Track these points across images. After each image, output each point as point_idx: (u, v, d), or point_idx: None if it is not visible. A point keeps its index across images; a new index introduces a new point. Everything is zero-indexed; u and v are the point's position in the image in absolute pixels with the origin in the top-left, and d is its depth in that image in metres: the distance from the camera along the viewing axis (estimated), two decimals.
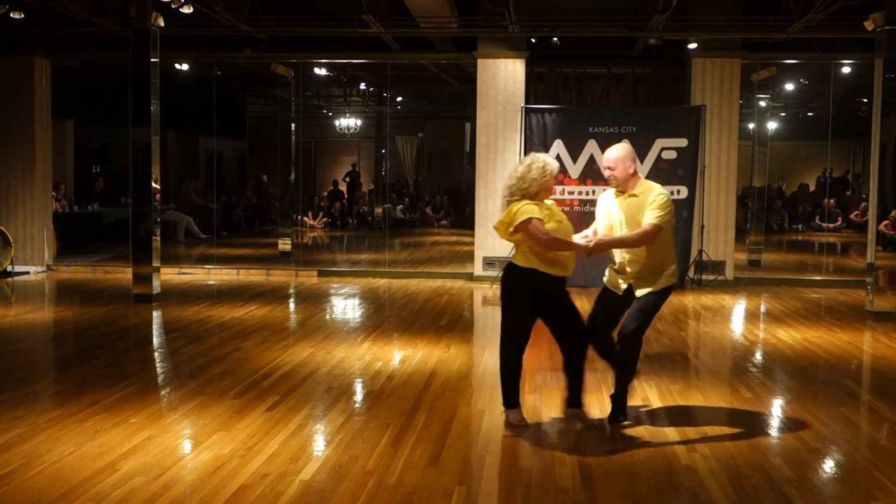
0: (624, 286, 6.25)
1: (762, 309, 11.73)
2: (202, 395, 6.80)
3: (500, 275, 6.41)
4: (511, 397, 6.19)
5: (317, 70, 17.15)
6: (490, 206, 13.72)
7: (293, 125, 17.15)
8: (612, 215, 6.25)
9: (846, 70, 15.07)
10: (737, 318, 11.25)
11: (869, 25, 11.05)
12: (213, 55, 15.51)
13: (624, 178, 6.16)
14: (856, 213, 20.14)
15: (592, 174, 13.21)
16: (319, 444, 5.77)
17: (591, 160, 13.19)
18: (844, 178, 22.62)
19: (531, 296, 6.00)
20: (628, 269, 6.21)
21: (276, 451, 5.49)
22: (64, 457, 5.31)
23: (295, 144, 17.19)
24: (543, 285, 5.98)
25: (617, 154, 6.20)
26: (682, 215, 13.12)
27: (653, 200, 6.04)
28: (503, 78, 13.73)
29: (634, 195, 6.12)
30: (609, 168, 6.19)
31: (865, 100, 14.00)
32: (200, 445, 5.60)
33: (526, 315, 6.11)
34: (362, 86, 22.00)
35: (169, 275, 13.92)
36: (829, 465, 5.54)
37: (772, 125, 18.44)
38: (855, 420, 6.52)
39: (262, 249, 18.01)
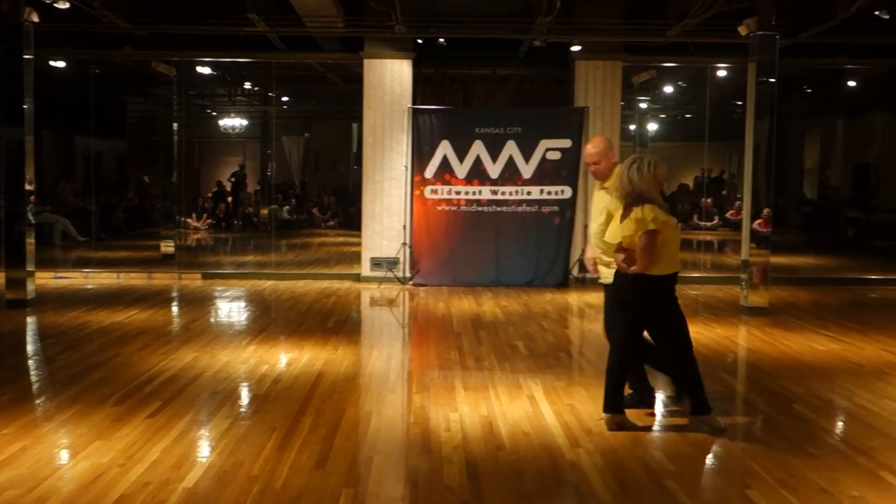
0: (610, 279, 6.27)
1: None
2: (80, 403, 6.58)
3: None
4: (620, 401, 6.16)
5: (200, 69, 16.81)
6: (377, 206, 13.68)
7: (175, 125, 16.77)
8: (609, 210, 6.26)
9: (722, 73, 15.57)
10: None
11: (743, 31, 11.44)
12: (91, 52, 15.03)
13: (609, 171, 6.25)
14: (731, 211, 20.80)
15: (479, 175, 13.33)
16: (203, 451, 5.65)
17: (478, 161, 13.30)
18: (720, 177, 23.38)
19: (657, 299, 5.98)
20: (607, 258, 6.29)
21: (158, 459, 5.35)
22: None
23: (177, 144, 16.81)
24: (670, 286, 6.00)
25: (598, 148, 6.28)
26: (566, 215, 13.37)
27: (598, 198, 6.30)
28: (390, 78, 13.71)
29: (605, 187, 6.24)
30: (594, 163, 6.24)
31: (740, 102, 14.48)
32: (78, 455, 5.41)
33: (656, 317, 6.10)
34: (247, 85, 21.64)
35: (44, 279, 13.41)
36: (706, 457, 5.71)
37: (652, 126, 18.94)
38: (731, 412, 6.74)
39: (143, 252, 17.53)
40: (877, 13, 11.63)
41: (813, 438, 5.96)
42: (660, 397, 7.27)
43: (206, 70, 17.13)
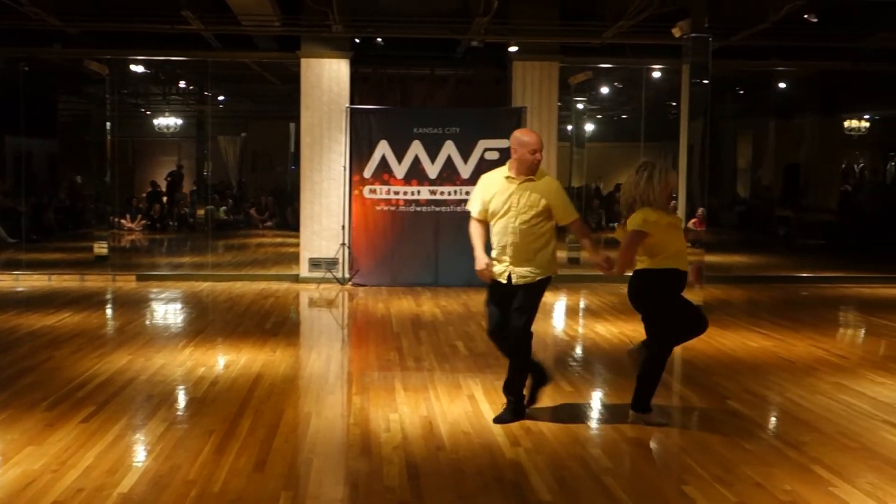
0: (505, 274, 6.23)
1: (581, 305, 12.15)
2: (10, 409, 6.43)
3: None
4: (651, 400, 6.23)
5: (133, 67, 16.55)
6: (316, 206, 13.60)
7: (108, 124, 16.46)
8: (509, 198, 6.23)
9: (657, 75, 15.80)
10: (558, 314, 11.60)
11: (676, 33, 11.62)
12: (20, 49, 14.69)
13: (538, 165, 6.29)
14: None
15: (418, 174, 13.33)
16: (139, 455, 5.56)
17: (417, 161, 13.30)
18: None
19: (671, 292, 6.10)
20: (508, 257, 6.23)
21: (92, 465, 5.25)
22: None
23: (111, 144, 16.49)
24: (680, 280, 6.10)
25: (539, 137, 6.31)
26: None
27: (557, 191, 6.27)
28: (327, 78, 13.63)
29: (532, 180, 6.21)
30: (538, 151, 6.25)
31: (675, 103, 14.72)
32: (9, 462, 5.29)
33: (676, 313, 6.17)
34: (182, 84, 21.34)
35: None
36: (643, 453, 5.78)
37: (589, 127, 19.12)
38: (667, 409, 6.83)
39: (76, 254, 17.18)
40: (806, 16, 11.89)
41: (747, 434, 6.07)
42: (598, 395, 7.35)
43: (139, 68, 16.88)
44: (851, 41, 13.84)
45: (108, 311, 11.39)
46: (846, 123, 19.52)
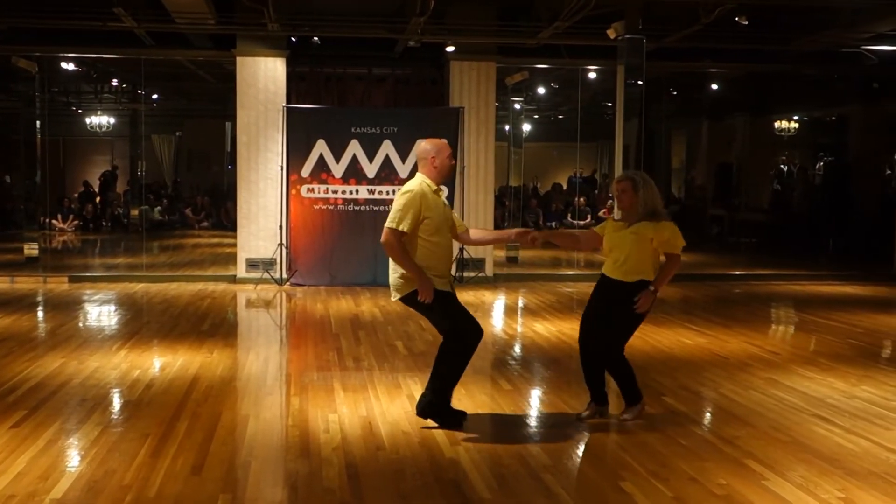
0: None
1: (520, 304, 12.22)
2: None
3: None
4: (638, 392, 6.30)
5: (64, 65, 16.22)
6: (253, 206, 13.48)
7: (38, 122, 16.12)
8: (444, 211, 6.20)
9: (592, 76, 15.96)
10: (497, 313, 11.65)
11: (611, 34, 11.76)
12: None
13: None
14: (603, 210, 21.29)
15: (356, 174, 13.29)
16: (72, 460, 5.46)
17: (355, 160, 13.26)
18: (592, 177, 23.97)
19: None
20: (448, 272, 6.20)
21: (24, 470, 5.14)
22: None
23: (41, 143, 16.16)
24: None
25: None
26: None
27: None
28: (263, 77, 13.52)
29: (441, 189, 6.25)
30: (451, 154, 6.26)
31: (610, 104, 14.89)
32: None
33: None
34: (115, 82, 20.99)
35: None
36: (582, 450, 5.85)
37: (526, 127, 19.27)
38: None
39: (5, 255, 16.78)
40: (737, 19, 12.11)
41: (682, 429, 6.16)
42: (537, 393, 7.41)
43: (70, 66, 16.56)
44: (779, 44, 14.14)
45: (40, 314, 11.16)
46: (776, 124, 19.95)
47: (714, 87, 19.12)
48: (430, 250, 6.02)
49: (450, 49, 13.82)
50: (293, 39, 13.84)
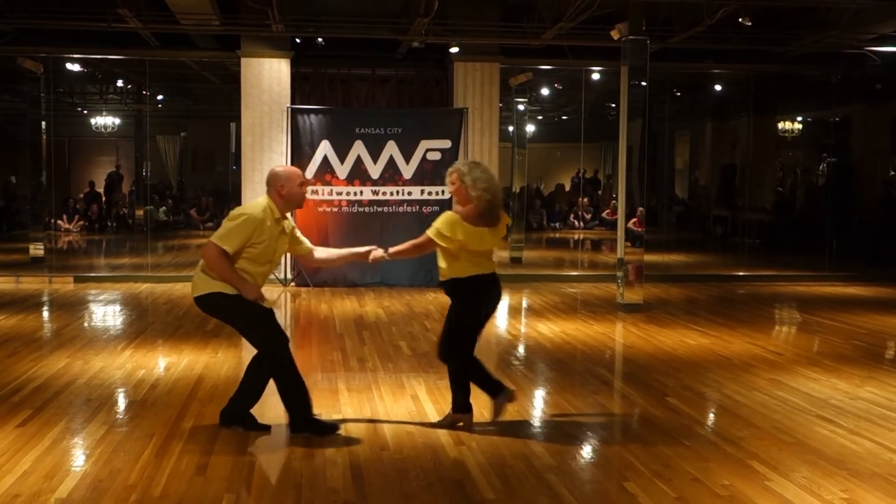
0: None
1: (524, 304, 12.23)
2: None
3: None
4: (468, 402, 6.15)
5: (69, 65, 16.26)
6: None
7: (44, 123, 16.16)
8: (278, 241, 6.07)
9: (596, 76, 15.95)
10: (500, 313, 11.64)
11: (615, 35, 11.75)
12: None
13: None
14: (607, 211, 21.33)
15: (360, 175, 13.30)
16: (77, 460, 5.48)
17: (359, 161, 13.27)
18: (596, 178, 23.97)
19: (478, 299, 6.25)
20: None
21: (29, 470, 5.16)
22: None
23: (46, 143, 16.19)
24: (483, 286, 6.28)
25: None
26: None
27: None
28: (268, 77, 13.55)
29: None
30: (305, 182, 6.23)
31: (614, 105, 14.90)
32: None
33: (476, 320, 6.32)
34: (120, 83, 21.02)
35: None
36: (586, 451, 5.86)
37: (530, 128, 19.23)
38: (609, 406, 6.94)
39: (11, 255, 16.83)
40: (740, 20, 12.11)
41: (686, 430, 6.17)
42: (541, 394, 7.42)
43: (75, 67, 16.59)
44: (782, 45, 14.14)
45: (45, 314, 11.20)
46: (780, 125, 19.94)
47: (717, 88, 19.11)
48: (243, 270, 5.90)
49: (454, 50, 13.83)
50: (297, 40, 13.87)
